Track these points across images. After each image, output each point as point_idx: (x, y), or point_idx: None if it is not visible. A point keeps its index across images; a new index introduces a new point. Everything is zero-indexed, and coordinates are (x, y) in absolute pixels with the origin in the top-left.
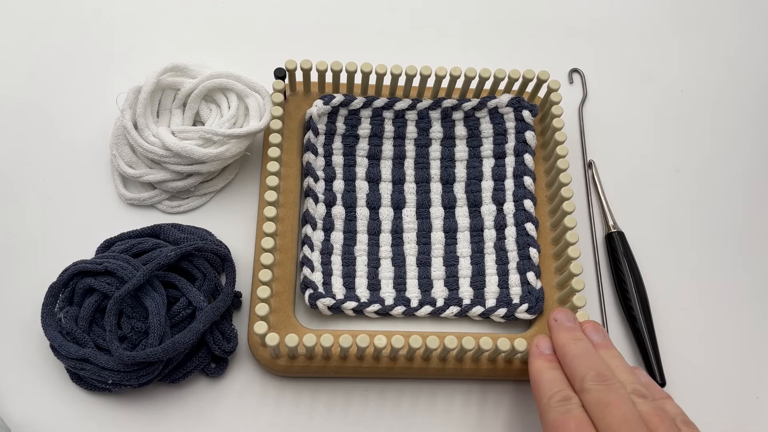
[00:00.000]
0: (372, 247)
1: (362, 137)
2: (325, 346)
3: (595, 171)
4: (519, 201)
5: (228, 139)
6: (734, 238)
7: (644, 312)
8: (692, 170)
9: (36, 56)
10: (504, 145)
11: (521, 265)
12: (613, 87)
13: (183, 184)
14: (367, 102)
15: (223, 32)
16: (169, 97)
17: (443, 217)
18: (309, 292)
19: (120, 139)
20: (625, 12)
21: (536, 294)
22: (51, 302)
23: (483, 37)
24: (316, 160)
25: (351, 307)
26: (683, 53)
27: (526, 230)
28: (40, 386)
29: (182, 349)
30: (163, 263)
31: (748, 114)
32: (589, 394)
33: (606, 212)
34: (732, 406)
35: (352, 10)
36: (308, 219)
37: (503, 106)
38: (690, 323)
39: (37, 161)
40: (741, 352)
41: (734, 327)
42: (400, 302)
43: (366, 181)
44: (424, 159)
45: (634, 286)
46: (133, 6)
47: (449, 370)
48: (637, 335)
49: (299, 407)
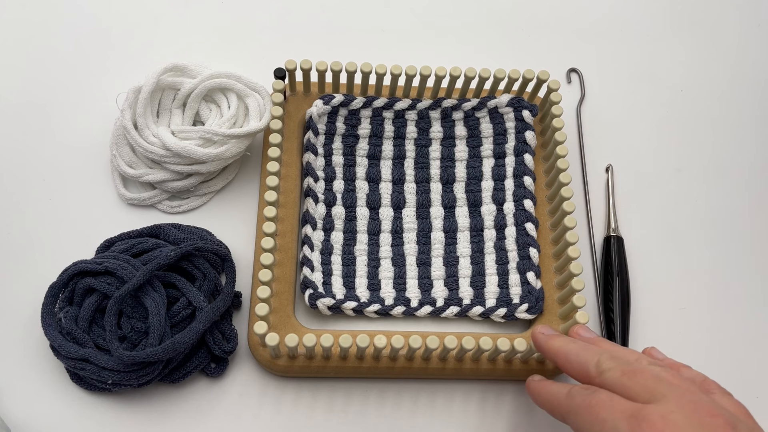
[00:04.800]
0: (372, 247)
1: (362, 137)
2: (325, 346)
3: (611, 175)
4: (519, 201)
5: (228, 139)
6: (735, 237)
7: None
8: (693, 170)
9: (36, 56)
10: (504, 145)
11: (521, 265)
12: (614, 87)
13: (183, 184)
14: (367, 102)
15: (223, 32)
16: (169, 97)
17: (443, 217)
18: (309, 292)
19: (120, 139)
20: (625, 12)
21: (536, 294)
22: (51, 302)
23: (483, 37)
24: (316, 160)
25: (351, 307)
26: (683, 53)
27: (526, 230)
28: (40, 386)
29: (182, 349)
30: (163, 263)
31: (749, 114)
32: (610, 372)
33: (610, 215)
34: None
35: (352, 10)
36: (308, 219)
37: (503, 106)
38: (690, 323)
39: (37, 161)
40: (741, 352)
41: (734, 327)
42: (400, 302)
43: (366, 181)
44: (424, 159)
45: (619, 291)
46: (133, 6)
47: (449, 370)
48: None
49: (299, 407)
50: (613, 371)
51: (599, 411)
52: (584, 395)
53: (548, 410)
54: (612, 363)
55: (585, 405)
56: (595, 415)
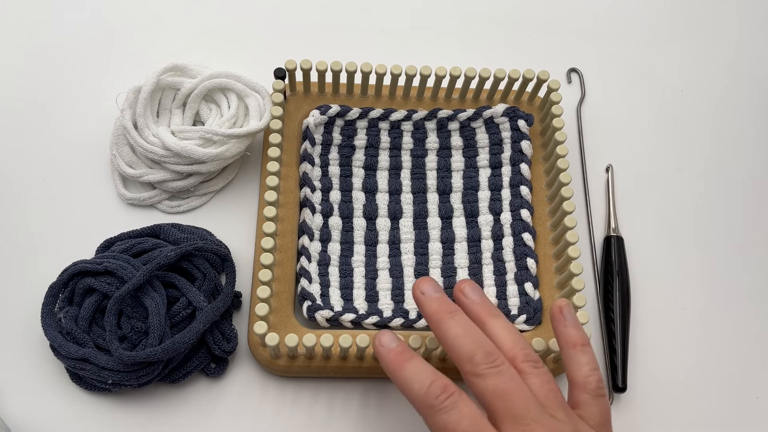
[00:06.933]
0: (369, 258)
1: (358, 148)
2: (325, 346)
3: (611, 175)
4: (516, 211)
5: (228, 139)
6: (735, 237)
7: (623, 318)
8: (693, 170)
9: (36, 56)
10: (500, 155)
11: (519, 276)
12: (614, 87)
13: (183, 184)
14: (363, 113)
15: (223, 32)
16: (169, 97)
17: (440, 227)
18: (307, 304)
19: (120, 139)
20: (625, 12)
21: (534, 305)
22: (51, 302)
23: (483, 37)
24: (313, 171)
25: (349, 319)
26: (683, 53)
27: (523, 240)
28: (40, 386)
29: (182, 349)
30: (163, 263)
31: (749, 114)
32: (483, 380)
33: (610, 215)
34: (732, 406)
35: (352, 10)
36: (305, 230)
37: (498, 115)
38: (690, 323)
39: (37, 161)
40: (741, 352)
41: (734, 327)
42: (399, 314)
43: (363, 191)
44: (420, 169)
45: (619, 291)
46: (133, 6)
47: (449, 370)
48: (611, 339)
49: (299, 407)
50: (486, 380)
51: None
52: (442, 407)
53: (402, 393)
54: (486, 369)
55: (440, 422)
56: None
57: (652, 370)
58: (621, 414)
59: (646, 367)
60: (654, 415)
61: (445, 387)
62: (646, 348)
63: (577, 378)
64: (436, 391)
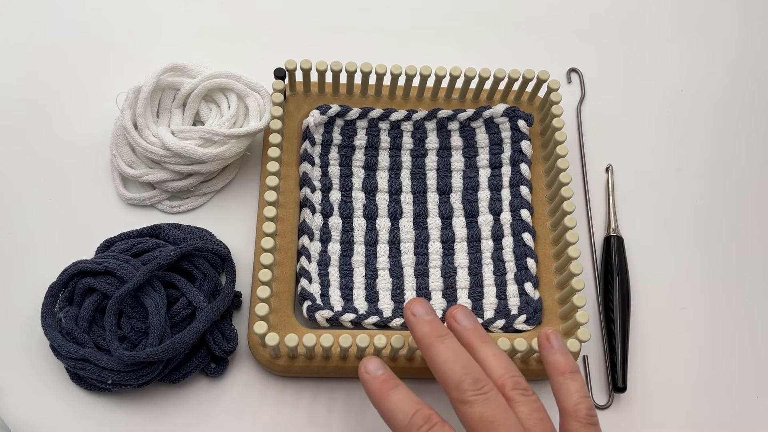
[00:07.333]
0: (369, 258)
1: (358, 148)
2: (325, 346)
3: (611, 175)
4: (516, 211)
5: (228, 139)
6: (735, 237)
7: (623, 318)
8: (693, 170)
9: (36, 56)
10: (500, 155)
11: (519, 276)
12: (614, 87)
13: (183, 184)
14: (362, 113)
15: (223, 32)
16: (169, 97)
17: (440, 227)
18: (307, 304)
19: (120, 139)
20: (625, 12)
21: (534, 305)
22: (51, 302)
23: (483, 37)
24: (313, 171)
25: (349, 319)
26: (683, 53)
27: (523, 240)
28: (40, 386)
29: (182, 349)
30: (163, 263)
31: (749, 114)
32: (470, 407)
33: (610, 215)
34: (732, 406)
35: (352, 10)
36: (305, 230)
37: (498, 115)
38: (690, 323)
39: (37, 161)
40: (741, 352)
41: (734, 327)
42: (399, 314)
43: (363, 191)
44: (420, 169)
45: (619, 291)
46: (133, 6)
47: None
48: (611, 339)
49: (299, 407)
50: (474, 407)
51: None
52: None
53: (385, 422)
54: (473, 396)
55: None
56: None
57: (652, 370)
58: (621, 414)
59: (646, 367)
60: (654, 415)
61: (428, 417)
62: (646, 348)
63: (567, 406)
64: (419, 422)
